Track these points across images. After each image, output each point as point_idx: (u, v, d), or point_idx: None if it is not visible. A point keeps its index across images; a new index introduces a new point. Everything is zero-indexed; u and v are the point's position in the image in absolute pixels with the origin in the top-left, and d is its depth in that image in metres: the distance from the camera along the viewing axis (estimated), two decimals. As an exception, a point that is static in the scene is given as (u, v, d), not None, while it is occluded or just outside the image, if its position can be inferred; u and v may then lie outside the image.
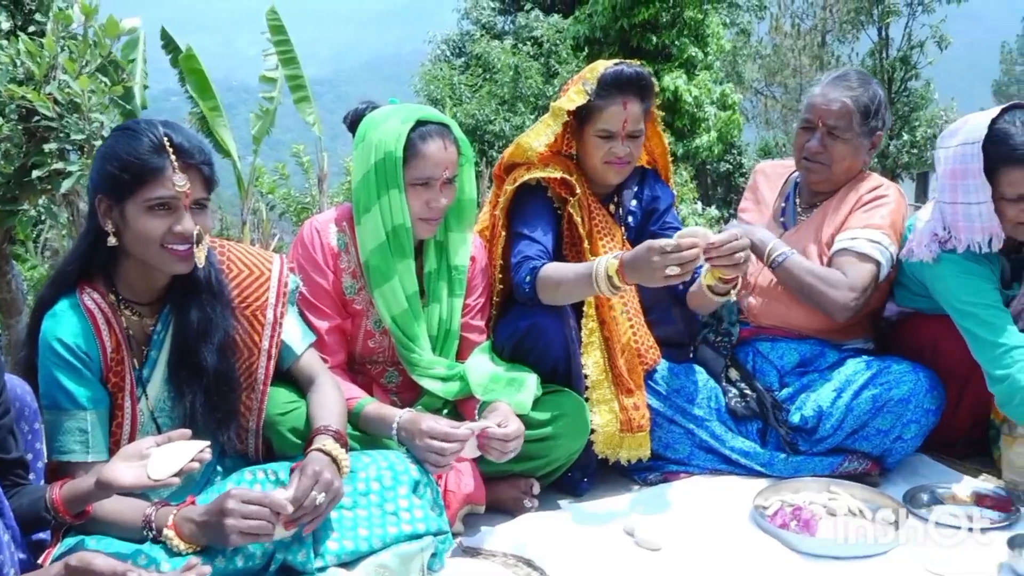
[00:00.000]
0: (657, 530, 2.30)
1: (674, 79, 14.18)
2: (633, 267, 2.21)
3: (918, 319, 2.76)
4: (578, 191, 2.61)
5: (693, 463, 2.69)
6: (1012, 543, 2.11)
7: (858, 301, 2.58)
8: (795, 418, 2.64)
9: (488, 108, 14.45)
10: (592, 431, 2.51)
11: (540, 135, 2.60)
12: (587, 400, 2.52)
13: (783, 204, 2.94)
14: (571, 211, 2.60)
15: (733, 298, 2.39)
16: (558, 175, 2.58)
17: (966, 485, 2.55)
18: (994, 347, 2.40)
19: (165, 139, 1.85)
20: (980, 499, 2.45)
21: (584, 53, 14.84)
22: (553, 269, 2.43)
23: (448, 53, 18.32)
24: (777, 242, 2.70)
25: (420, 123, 2.32)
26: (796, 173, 2.93)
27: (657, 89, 2.72)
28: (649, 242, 2.17)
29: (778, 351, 2.79)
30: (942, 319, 2.55)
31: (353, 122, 2.46)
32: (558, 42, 15.19)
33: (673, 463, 2.69)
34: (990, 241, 2.43)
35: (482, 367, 2.41)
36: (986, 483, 2.59)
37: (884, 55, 22.70)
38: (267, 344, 2.13)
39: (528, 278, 2.44)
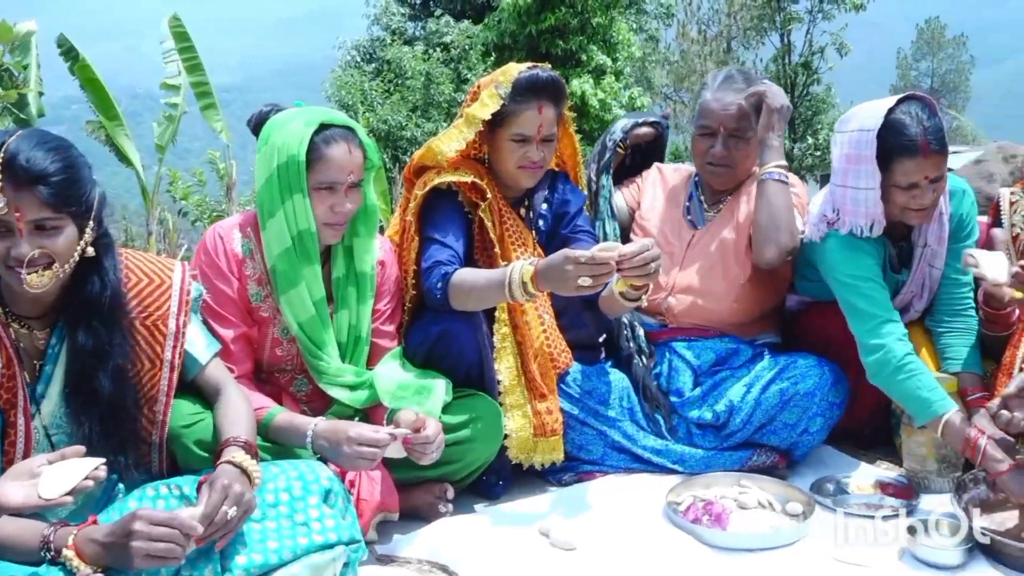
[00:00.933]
0: (572, 530, 2.31)
1: (581, 83, 14.34)
2: (547, 275, 2.21)
3: (817, 309, 2.84)
4: (489, 195, 2.60)
5: (607, 463, 2.70)
6: (911, 529, 2.18)
7: (792, 251, 2.67)
8: (708, 415, 2.69)
9: (400, 114, 14.39)
10: (506, 436, 2.51)
11: (452, 140, 2.57)
12: (500, 405, 2.52)
13: (687, 203, 2.98)
14: (482, 216, 2.59)
15: (644, 303, 2.41)
16: (469, 179, 2.57)
17: (869, 474, 2.63)
18: (871, 318, 2.49)
19: None
20: (883, 487, 2.52)
21: (492, 59, 14.90)
22: (465, 275, 2.41)
23: (359, 59, 18.18)
24: (776, 164, 2.73)
25: (324, 126, 2.28)
26: (695, 174, 3.00)
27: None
28: (565, 251, 2.17)
29: (695, 350, 2.83)
30: (839, 309, 2.62)
31: (257, 125, 2.41)
32: (468, 48, 15.21)
33: (587, 463, 2.70)
34: (872, 227, 2.52)
35: (390, 374, 2.38)
36: (888, 472, 2.68)
37: (787, 61, 23.40)
38: (170, 355, 2.05)
39: (440, 284, 2.41)
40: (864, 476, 2.60)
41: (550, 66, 2.68)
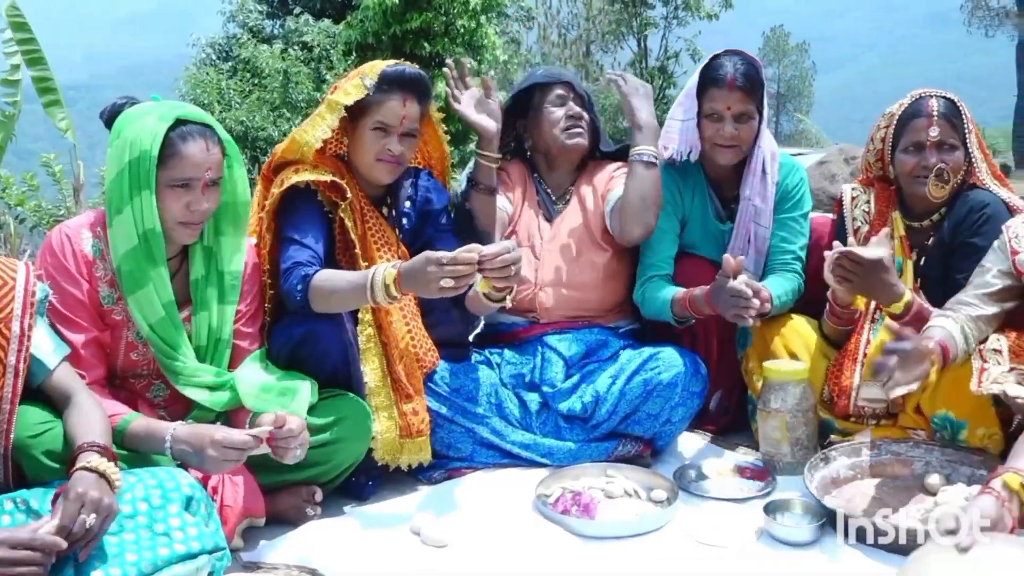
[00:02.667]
0: (443, 527, 2.30)
1: (446, 86, 14.32)
2: (410, 277, 2.20)
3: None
4: (349, 195, 2.55)
5: (476, 460, 2.71)
6: (768, 509, 2.28)
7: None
8: (577, 406, 2.72)
9: (259, 114, 14.01)
10: (372, 438, 2.49)
11: (316, 128, 2.51)
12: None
13: (537, 198, 3.04)
14: (342, 216, 2.54)
15: (509, 304, 2.44)
16: (327, 178, 2.52)
17: (728, 459, 2.73)
18: (648, 268, 2.91)
19: None
20: (741, 471, 2.62)
21: (354, 58, 14.69)
22: (326, 277, 2.37)
23: (214, 57, 17.61)
24: (651, 145, 2.86)
25: (180, 122, 2.19)
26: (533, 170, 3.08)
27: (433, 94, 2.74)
28: (427, 253, 2.17)
29: (565, 343, 2.87)
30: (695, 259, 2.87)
31: (110, 118, 2.29)
32: (329, 47, 14.96)
33: (457, 461, 2.70)
34: (690, 153, 2.90)
35: (252, 376, 2.31)
36: (746, 456, 2.78)
37: (644, 65, 24.07)
38: (14, 359, 1.93)
39: (300, 286, 2.35)
40: (723, 461, 2.69)
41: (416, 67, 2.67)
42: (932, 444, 2.48)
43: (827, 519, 2.22)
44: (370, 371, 2.51)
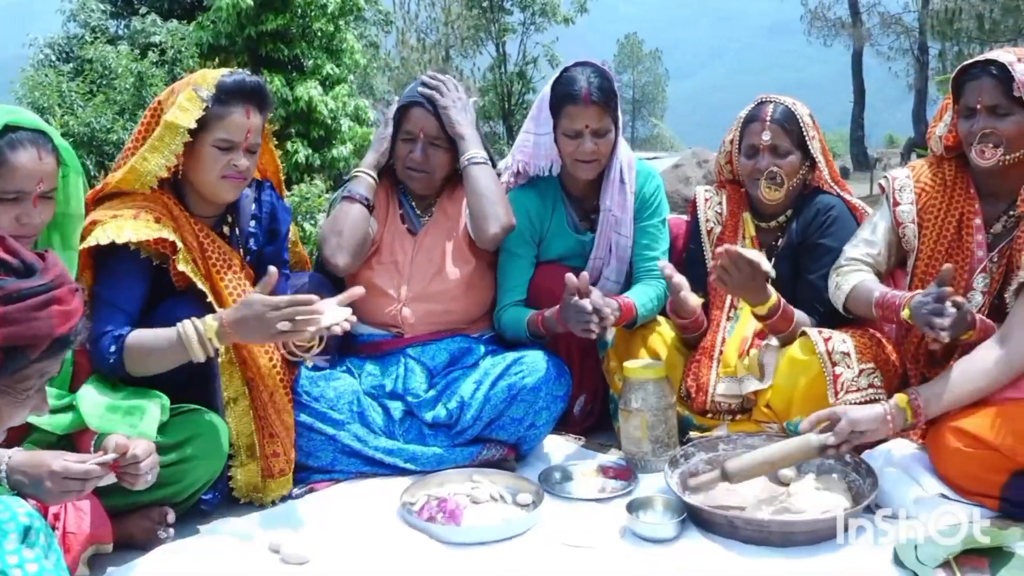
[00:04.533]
0: (304, 543, 2.23)
1: (308, 89, 14.04)
2: (243, 324, 2.15)
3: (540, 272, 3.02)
4: (180, 246, 2.32)
5: (338, 469, 2.64)
6: (630, 507, 2.32)
7: (512, 226, 2.85)
8: (442, 413, 2.70)
9: (106, 117, 13.36)
10: (231, 478, 2.42)
11: (158, 156, 2.31)
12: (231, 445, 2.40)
13: (400, 212, 3.01)
14: (180, 268, 2.31)
15: (310, 363, 2.44)
16: (153, 236, 2.27)
17: (593, 460, 2.76)
18: (499, 290, 2.98)
19: None
20: (605, 471, 2.64)
21: (213, 62, 14.24)
22: (140, 339, 2.23)
23: (54, 58, 16.71)
24: (476, 149, 2.86)
25: (10, 128, 2.04)
26: (398, 182, 3.03)
27: (290, 99, 2.65)
28: (260, 298, 2.13)
29: (428, 353, 2.84)
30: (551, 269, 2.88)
31: (-69, 124, 2.12)
32: (182, 49, 14.43)
33: (317, 471, 2.63)
34: (551, 168, 2.94)
35: (95, 396, 2.17)
36: (609, 456, 2.82)
37: (503, 70, 24.30)
38: None
39: (113, 348, 2.22)
40: (588, 462, 2.72)
41: (269, 71, 2.57)
42: (783, 436, 2.56)
43: (688, 514, 2.27)
44: (237, 414, 2.41)
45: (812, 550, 2.13)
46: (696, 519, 2.27)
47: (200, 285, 2.33)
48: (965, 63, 2.55)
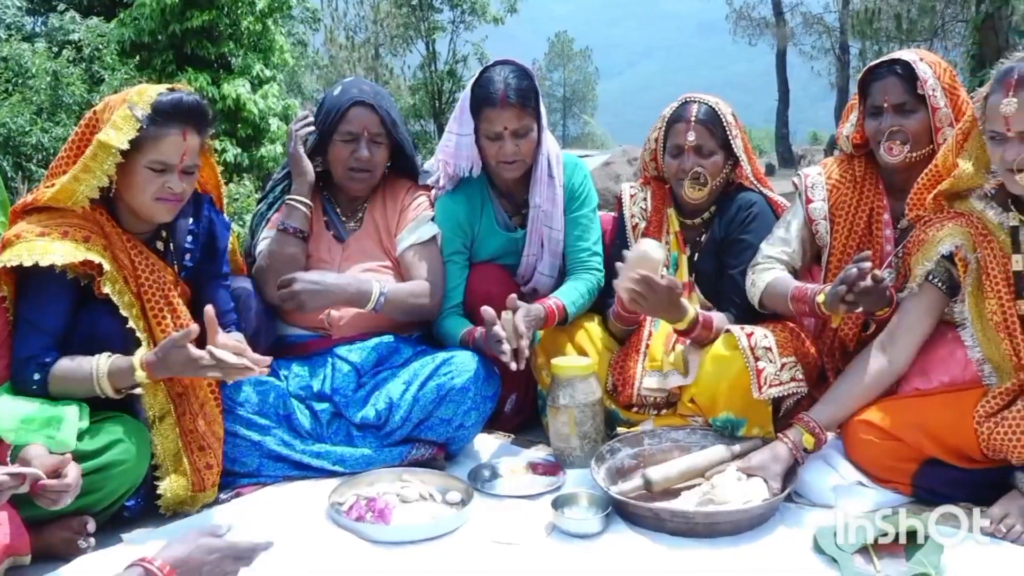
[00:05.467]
0: (231, 548, 2.20)
1: (235, 87, 13.78)
2: (166, 365, 2.18)
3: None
4: (108, 268, 2.26)
5: (264, 473, 2.61)
6: (555, 504, 2.34)
7: (442, 294, 2.91)
8: (371, 413, 2.68)
9: (22, 117, 12.94)
10: (159, 494, 2.37)
11: (91, 178, 2.23)
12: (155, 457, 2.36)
13: (324, 218, 2.99)
14: (106, 291, 2.27)
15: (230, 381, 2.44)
16: (79, 259, 2.21)
17: (522, 457, 2.77)
18: (445, 299, 2.95)
19: None
20: (534, 468, 2.66)
21: (135, 60, 13.89)
22: (64, 370, 2.22)
23: (-37, 57, 16.14)
24: (370, 284, 2.78)
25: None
26: (323, 189, 3.01)
27: (217, 97, 2.60)
28: (189, 351, 2.14)
29: (357, 352, 2.82)
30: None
31: None
32: (101, 47, 14.05)
33: (243, 477, 2.60)
34: (472, 168, 2.93)
35: (10, 408, 2.12)
36: (538, 452, 2.84)
37: (433, 68, 24.23)
38: None
39: (37, 376, 2.21)
40: (517, 459, 2.73)
41: (193, 70, 2.52)
42: (708, 430, 2.62)
43: (614, 508, 2.30)
44: (164, 430, 2.38)
45: (736, 540, 2.18)
46: (623, 513, 2.30)
47: (123, 311, 2.29)
48: (871, 64, 2.64)
